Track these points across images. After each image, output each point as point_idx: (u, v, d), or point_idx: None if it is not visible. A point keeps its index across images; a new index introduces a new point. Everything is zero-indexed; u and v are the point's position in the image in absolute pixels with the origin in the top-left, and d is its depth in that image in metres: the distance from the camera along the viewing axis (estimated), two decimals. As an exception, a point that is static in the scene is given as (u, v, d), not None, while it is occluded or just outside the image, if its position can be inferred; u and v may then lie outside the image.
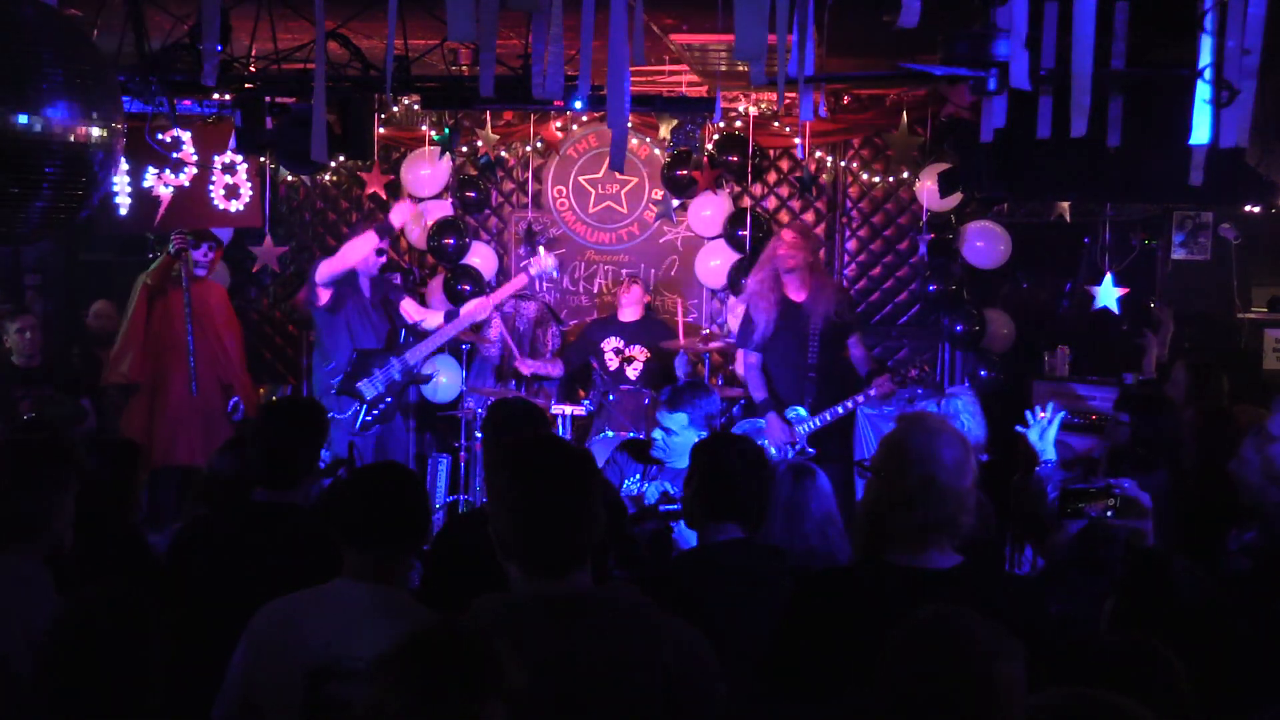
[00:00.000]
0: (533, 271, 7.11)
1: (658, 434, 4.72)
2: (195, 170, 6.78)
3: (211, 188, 7.10)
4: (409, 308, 7.04)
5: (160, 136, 6.18)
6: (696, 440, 4.66)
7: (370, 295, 6.80)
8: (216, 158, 7.00)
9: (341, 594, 2.63)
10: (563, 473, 2.21)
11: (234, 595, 2.87)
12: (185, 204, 7.06)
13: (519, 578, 2.19)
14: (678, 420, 4.64)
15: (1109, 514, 2.67)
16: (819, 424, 6.14)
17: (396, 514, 2.71)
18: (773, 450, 5.96)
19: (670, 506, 4.08)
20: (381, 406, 6.59)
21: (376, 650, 2.49)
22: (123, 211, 6.91)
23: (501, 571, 2.29)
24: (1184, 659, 2.20)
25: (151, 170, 6.78)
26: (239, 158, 6.92)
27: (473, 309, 6.94)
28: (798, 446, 4.57)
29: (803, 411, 6.18)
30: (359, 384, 6.54)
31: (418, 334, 6.81)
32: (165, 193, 6.96)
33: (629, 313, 7.46)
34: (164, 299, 6.80)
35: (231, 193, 7.13)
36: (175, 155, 6.58)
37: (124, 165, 6.63)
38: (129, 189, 6.86)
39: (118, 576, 3.14)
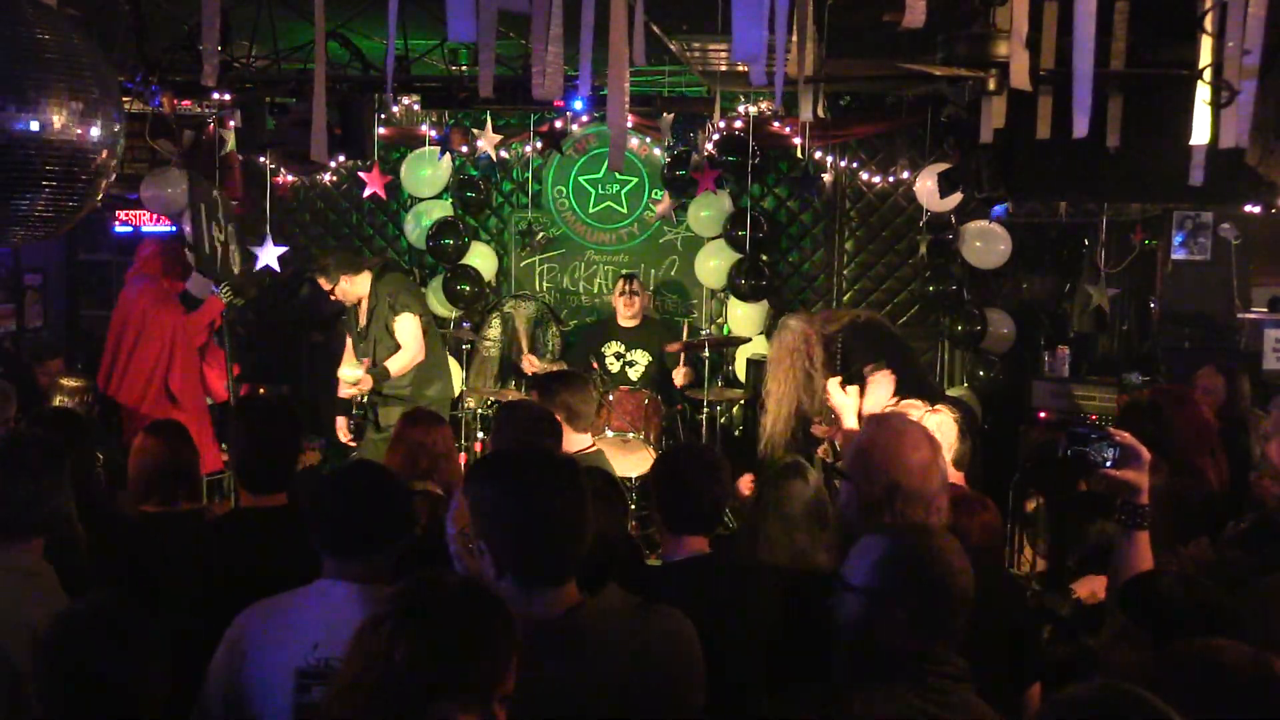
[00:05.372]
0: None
1: None
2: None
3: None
4: None
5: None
6: None
7: None
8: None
9: (326, 595, 2.56)
10: (556, 484, 2.19)
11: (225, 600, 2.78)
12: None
13: (513, 590, 2.16)
14: None
15: (1108, 464, 2.63)
16: None
17: (373, 516, 2.62)
18: None
19: None
20: None
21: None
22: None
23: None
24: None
25: None
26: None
27: None
28: None
29: None
30: None
31: None
32: None
33: (629, 318, 7.45)
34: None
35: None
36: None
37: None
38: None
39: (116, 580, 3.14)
